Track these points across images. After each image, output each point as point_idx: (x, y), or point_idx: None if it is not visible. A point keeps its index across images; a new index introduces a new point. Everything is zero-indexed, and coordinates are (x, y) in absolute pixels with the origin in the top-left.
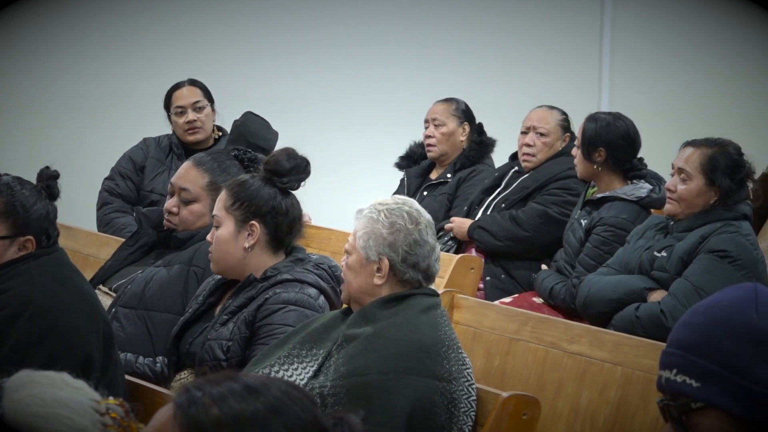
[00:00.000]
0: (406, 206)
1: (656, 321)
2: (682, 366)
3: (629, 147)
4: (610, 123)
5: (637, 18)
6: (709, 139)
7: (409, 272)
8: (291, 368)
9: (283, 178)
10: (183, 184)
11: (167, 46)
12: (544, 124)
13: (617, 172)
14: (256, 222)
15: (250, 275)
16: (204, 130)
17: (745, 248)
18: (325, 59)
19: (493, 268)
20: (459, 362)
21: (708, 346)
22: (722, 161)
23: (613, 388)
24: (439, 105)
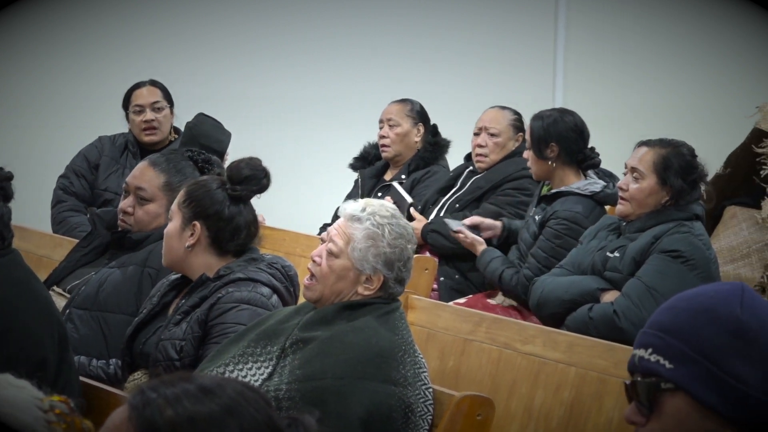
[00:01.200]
0: (402, 220)
1: (609, 321)
2: (659, 346)
3: (580, 138)
4: (557, 118)
5: (591, 17)
6: (663, 139)
7: (397, 288)
8: (245, 368)
9: (235, 185)
10: (139, 183)
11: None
12: (495, 124)
13: (571, 165)
14: (198, 223)
15: (203, 275)
16: (161, 131)
17: (697, 248)
18: (277, 59)
19: (447, 269)
20: (416, 366)
21: (687, 331)
22: (675, 161)
23: (566, 388)
24: (394, 105)
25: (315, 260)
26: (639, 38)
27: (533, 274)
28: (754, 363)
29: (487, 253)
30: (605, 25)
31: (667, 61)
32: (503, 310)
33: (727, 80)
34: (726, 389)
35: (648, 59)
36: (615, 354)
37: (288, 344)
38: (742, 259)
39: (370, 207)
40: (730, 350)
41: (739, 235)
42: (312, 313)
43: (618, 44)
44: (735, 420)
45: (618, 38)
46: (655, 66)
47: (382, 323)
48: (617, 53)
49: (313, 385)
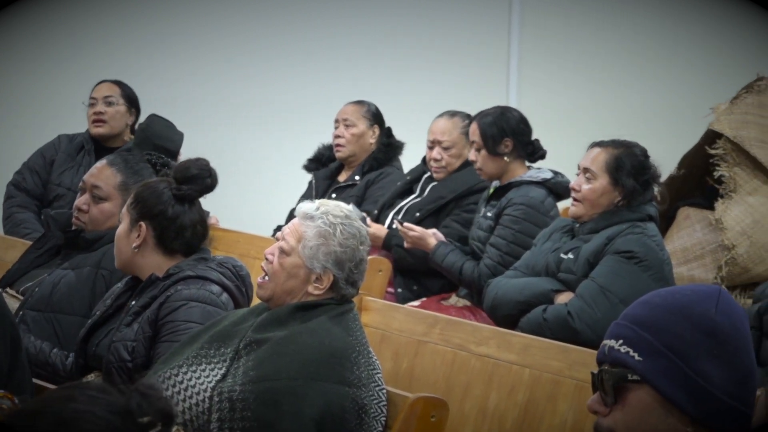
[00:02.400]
0: (357, 222)
1: (563, 323)
2: (630, 338)
3: (528, 129)
4: (504, 112)
5: (545, 19)
6: (616, 140)
7: (348, 289)
8: (199, 369)
9: (181, 185)
10: (95, 181)
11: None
12: (446, 137)
13: (522, 158)
14: (143, 223)
15: (153, 274)
16: (109, 125)
17: (651, 249)
18: (231, 61)
19: (404, 280)
20: (369, 367)
21: (660, 325)
22: (627, 162)
23: (520, 390)
24: (350, 106)
25: (268, 258)
26: (593, 39)
27: (495, 263)
28: (722, 364)
29: (441, 247)
30: (559, 26)
31: (622, 62)
32: (457, 311)
33: (681, 81)
34: (692, 387)
35: (602, 60)
36: (569, 355)
37: (242, 345)
38: (695, 260)
39: (324, 206)
40: (701, 349)
41: (693, 237)
42: (266, 315)
43: (572, 45)
44: (698, 418)
45: (572, 39)
46: (610, 67)
47: (335, 324)
48: (571, 54)
49: (267, 386)
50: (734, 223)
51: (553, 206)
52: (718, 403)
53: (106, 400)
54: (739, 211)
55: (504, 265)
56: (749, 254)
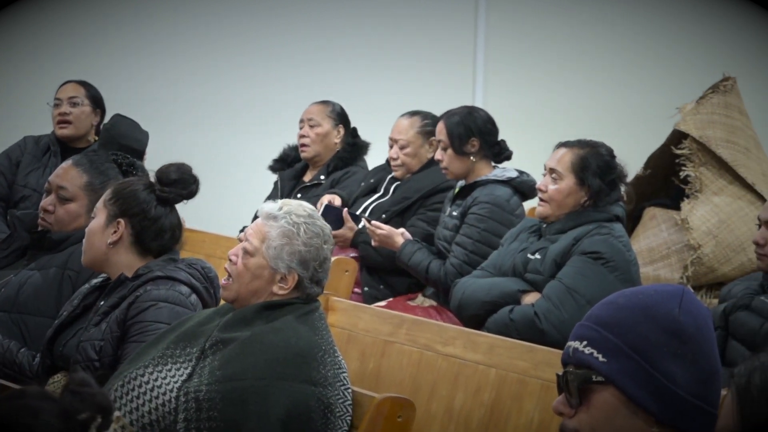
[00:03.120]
0: (320, 221)
1: (530, 323)
2: (594, 340)
3: (495, 129)
4: (471, 112)
5: (511, 19)
6: (582, 140)
7: (313, 288)
8: (165, 369)
9: (164, 187)
10: (61, 182)
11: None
12: (403, 135)
13: (488, 158)
14: (122, 220)
15: (122, 274)
16: (74, 126)
17: (617, 250)
18: (197, 62)
19: (371, 279)
20: (335, 366)
21: (624, 326)
22: (593, 162)
23: (487, 390)
24: (315, 106)
25: (231, 259)
26: (559, 40)
27: (461, 262)
28: (686, 364)
29: (408, 245)
30: (525, 27)
31: (588, 62)
32: (423, 311)
33: (647, 81)
34: (656, 387)
35: (568, 61)
36: (535, 355)
37: (208, 345)
38: (661, 260)
39: (287, 206)
40: (665, 349)
41: (659, 237)
42: (231, 315)
43: (538, 46)
44: (662, 418)
45: (538, 40)
46: (576, 68)
47: (301, 323)
48: (537, 55)
49: (233, 386)
50: (700, 223)
51: (518, 205)
52: (683, 403)
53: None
54: (705, 211)
55: (470, 264)
56: (715, 254)
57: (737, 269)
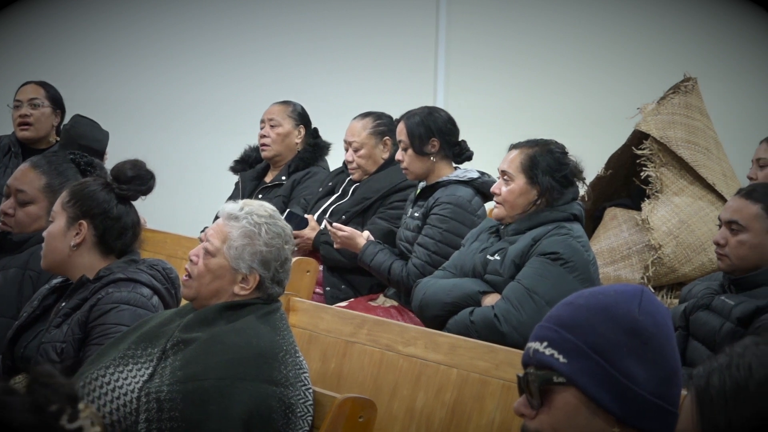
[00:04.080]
0: (281, 221)
1: (490, 325)
2: (554, 340)
3: (455, 129)
4: (431, 112)
5: (473, 21)
6: (532, 139)
7: (275, 289)
8: (126, 369)
9: (122, 185)
10: (20, 185)
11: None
12: (356, 137)
13: (449, 158)
14: (85, 222)
15: (83, 276)
16: (35, 128)
17: (576, 250)
18: (158, 61)
19: (334, 279)
20: (296, 367)
21: (584, 326)
22: (542, 159)
23: (448, 390)
24: (276, 106)
25: (192, 259)
26: (520, 41)
27: (423, 262)
28: (646, 363)
29: (371, 246)
30: (486, 28)
31: (549, 63)
32: (384, 311)
33: (608, 82)
34: (617, 387)
35: (529, 62)
36: (496, 355)
37: (169, 346)
38: (622, 261)
39: (248, 207)
40: (625, 349)
41: (620, 237)
42: (192, 315)
43: (499, 46)
44: (623, 418)
45: (499, 41)
46: (537, 69)
47: (263, 323)
48: (498, 56)
49: (194, 386)
50: (660, 223)
51: (480, 205)
52: (643, 402)
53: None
54: (666, 211)
55: (432, 264)
56: (675, 254)
57: (698, 269)
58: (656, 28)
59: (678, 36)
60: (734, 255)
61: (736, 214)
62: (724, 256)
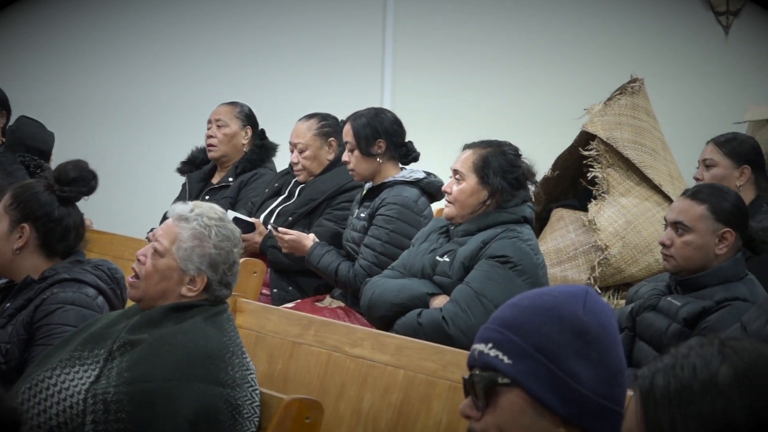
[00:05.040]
0: (230, 224)
1: (438, 327)
2: (498, 341)
3: (401, 130)
4: (378, 113)
5: (420, 21)
6: (485, 140)
7: (222, 291)
8: (72, 371)
9: (63, 186)
10: None
11: None
12: (301, 139)
13: (395, 159)
14: (27, 225)
15: (28, 276)
16: None
17: (525, 254)
18: (103, 61)
19: (278, 280)
20: (243, 368)
21: (528, 327)
22: (495, 160)
23: (395, 391)
24: (223, 107)
25: (140, 259)
26: (468, 41)
27: (370, 263)
28: (591, 363)
29: (317, 248)
30: (434, 29)
31: (497, 64)
32: (331, 312)
33: (555, 83)
34: (562, 387)
35: (477, 63)
36: (443, 356)
37: (115, 347)
38: (569, 261)
39: (198, 208)
40: (569, 349)
41: (566, 238)
42: (139, 316)
43: (447, 47)
44: (569, 418)
45: (447, 41)
46: (485, 69)
47: (209, 325)
48: (446, 57)
49: (141, 388)
50: (607, 224)
51: (426, 206)
52: (589, 403)
53: None
54: (612, 212)
55: (379, 265)
56: (622, 255)
57: (644, 270)
58: (603, 28)
59: (625, 37)
60: (680, 256)
61: (682, 215)
62: (670, 257)
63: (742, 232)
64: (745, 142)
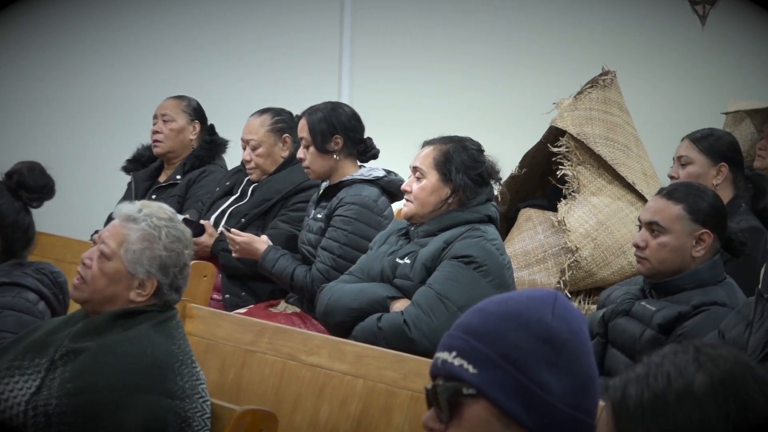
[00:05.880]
0: (180, 224)
1: (399, 332)
2: (463, 350)
3: (360, 125)
4: (335, 108)
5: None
6: (447, 136)
7: (172, 295)
8: (12, 381)
9: (31, 193)
10: None
11: None
12: (253, 135)
13: (353, 156)
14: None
15: None
16: None
17: (490, 254)
18: (43, 57)
19: (230, 285)
20: (193, 378)
21: (494, 334)
22: (457, 156)
23: (353, 401)
24: (170, 101)
25: (85, 262)
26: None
27: (328, 267)
28: (560, 372)
29: (271, 252)
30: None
31: (461, 57)
32: (286, 319)
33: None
34: (530, 398)
35: (441, 55)
36: (404, 365)
37: (58, 356)
38: (537, 264)
39: (147, 208)
40: (538, 357)
41: (534, 239)
42: (83, 323)
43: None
44: (537, 430)
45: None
46: (449, 62)
47: (158, 332)
48: (408, 48)
49: (85, 399)
50: (578, 224)
51: (387, 206)
52: (558, 414)
53: None
54: (583, 212)
55: (338, 269)
56: (593, 257)
57: (617, 273)
58: (573, 18)
59: (596, 27)
60: (655, 258)
61: (657, 215)
62: (644, 259)
63: (720, 233)
64: (723, 139)
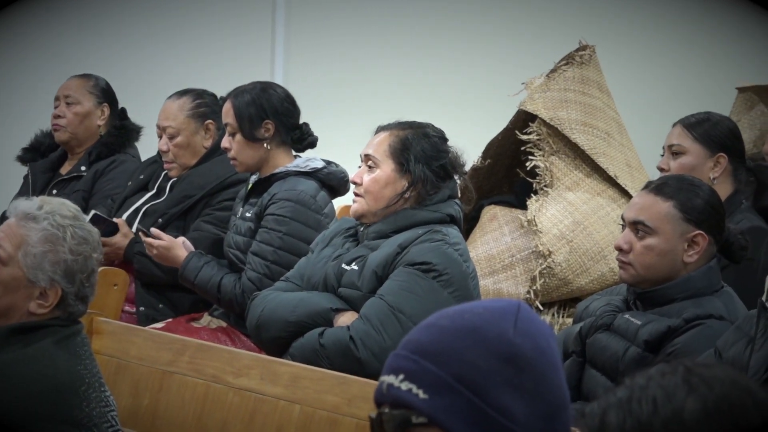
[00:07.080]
0: (87, 224)
1: (344, 350)
2: (412, 372)
3: (295, 110)
4: (265, 88)
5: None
6: (405, 121)
7: (78, 306)
8: None
9: None
10: None
11: None
12: (170, 121)
13: (287, 145)
14: None
15: None
16: None
17: (453, 260)
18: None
19: (146, 295)
20: (101, 403)
21: (448, 353)
22: (416, 144)
23: (289, 430)
24: (74, 80)
25: None
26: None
27: (260, 275)
28: (524, 396)
29: (194, 259)
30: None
31: (414, 30)
32: (210, 334)
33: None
34: (489, 426)
35: (390, 27)
36: (348, 388)
37: None
38: (504, 271)
39: (48, 205)
40: (498, 378)
41: (501, 242)
42: None
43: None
44: None
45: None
46: (399, 37)
47: (61, 350)
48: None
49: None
50: (551, 225)
51: (327, 202)
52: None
53: None
54: (557, 210)
55: (272, 277)
56: (569, 263)
57: (596, 281)
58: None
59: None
60: (640, 263)
61: (643, 213)
62: (628, 264)
63: (716, 235)
64: (720, 124)
